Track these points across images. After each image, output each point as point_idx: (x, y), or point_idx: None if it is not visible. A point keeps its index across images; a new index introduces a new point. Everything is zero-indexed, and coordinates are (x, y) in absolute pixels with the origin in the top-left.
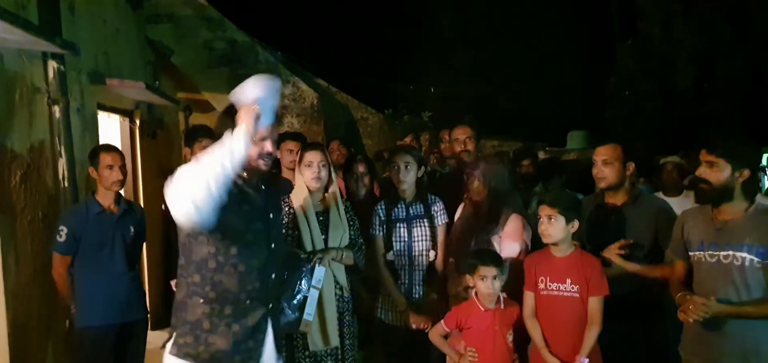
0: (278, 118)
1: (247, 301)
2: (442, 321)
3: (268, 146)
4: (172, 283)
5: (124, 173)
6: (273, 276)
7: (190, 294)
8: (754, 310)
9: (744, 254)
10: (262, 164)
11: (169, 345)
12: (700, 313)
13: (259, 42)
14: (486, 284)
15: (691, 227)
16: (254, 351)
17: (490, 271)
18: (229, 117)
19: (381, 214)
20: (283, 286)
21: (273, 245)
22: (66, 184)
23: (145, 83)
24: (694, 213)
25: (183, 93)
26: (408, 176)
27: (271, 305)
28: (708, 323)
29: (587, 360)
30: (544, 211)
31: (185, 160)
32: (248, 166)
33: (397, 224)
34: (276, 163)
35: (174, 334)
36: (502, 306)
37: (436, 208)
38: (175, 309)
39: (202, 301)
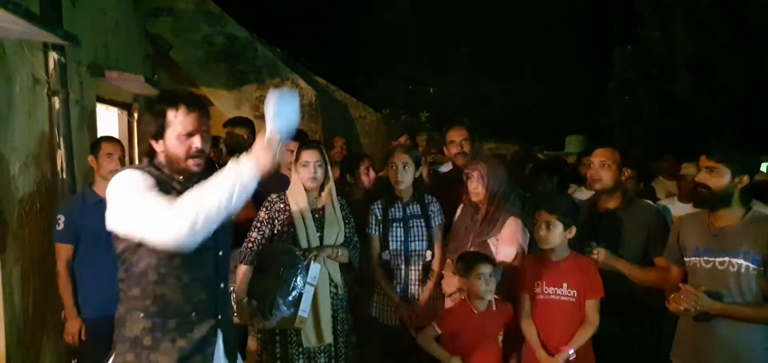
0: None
1: (193, 314)
2: (433, 323)
3: (197, 142)
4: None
5: (123, 164)
6: (222, 286)
7: (130, 309)
8: (745, 311)
9: (740, 261)
10: (192, 165)
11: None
12: (690, 301)
13: (258, 38)
14: (484, 282)
15: (686, 233)
16: None
17: (486, 268)
18: (155, 116)
19: (378, 214)
20: (277, 284)
21: (221, 253)
22: (64, 176)
23: (144, 76)
24: (690, 219)
25: (181, 87)
26: (405, 176)
27: (220, 316)
28: (699, 328)
29: (573, 353)
30: (542, 217)
31: None
32: (177, 168)
33: (394, 224)
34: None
35: (114, 354)
36: (494, 307)
37: (433, 208)
38: (115, 325)
39: (142, 315)
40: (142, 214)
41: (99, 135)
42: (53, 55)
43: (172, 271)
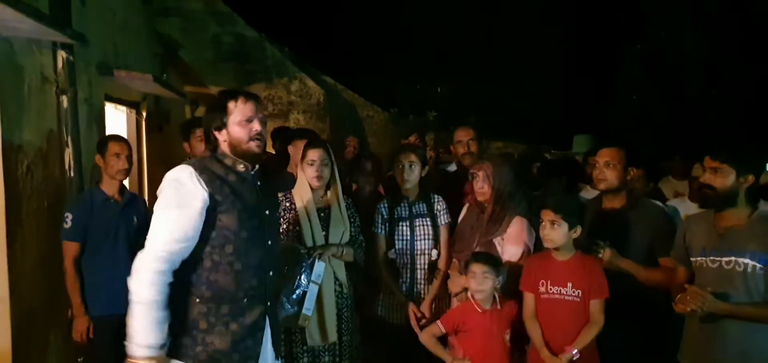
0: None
1: (245, 300)
2: (437, 322)
3: (256, 126)
4: None
5: (130, 163)
6: (271, 273)
7: (185, 294)
8: (753, 311)
9: (747, 260)
10: (254, 146)
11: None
12: (697, 302)
13: (267, 38)
14: (476, 281)
15: (693, 233)
16: (253, 349)
17: (480, 268)
18: (217, 110)
19: (384, 213)
20: (282, 282)
21: (269, 243)
22: (72, 175)
23: (153, 75)
24: (697, 219)
25: (190, 87)
26: (412, 175)
27: (269, 303)
28: (707, 329)
29: (577, 353)
30: (547, 216)
31: (186, 155)
32: (240, 151)
33: (400, 223)
34: (285, 158)
35: (170, 335)
36: (498, 306)
37: (439, 207)
38: (171, 310)
39: (197, 300)
40: (155, 229)
41: (108, 134)
42: (62, 54)
43: (224, 258)
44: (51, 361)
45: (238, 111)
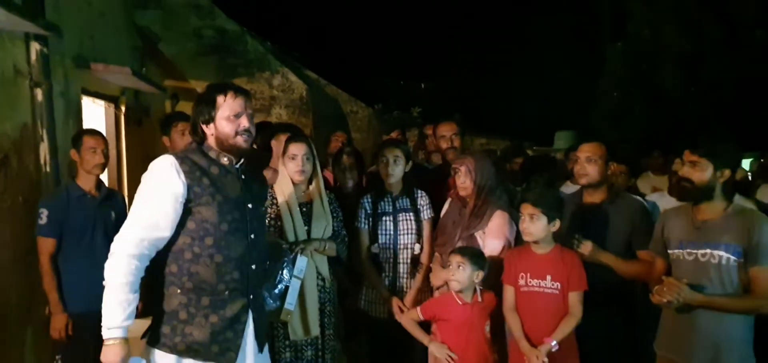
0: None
1: (226, 292)
2: (417, 308)
3: (244, 122)
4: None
5: (106, 157)
6: (253, 267)
7: (167, 284)
8: (726, 302)
9: (721, 253)
10: (241, 142)
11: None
12: (673, 293)
13: (248, 31)
14: (451, 271)
15: (671, 226)
16: (233, 342)
17: (455, 258)
18: (206, 103)
19: (367, 207)
20: (265, 276)
21: (252, 236)
22: (48, 170)
23: (131, 69)
24: (675, 212)
25: (170, 81)
26: (396, 170)
27: (251, 296)
28: (682, 319)
29: (556, 344)
30: (526, 209)
31: (165, 149)
32: (227, 146)
33: (383, 217)
34: (267, 153)
35: (151, 324)
36: (479, 298)
37: (422, 202)
38: (153, 299)
39: (179, 291)
40: (130, 216)
41: (83, 128)
42: (35, 46)
43: (204, 251)
44: (28, 359)
45: (226, 105)
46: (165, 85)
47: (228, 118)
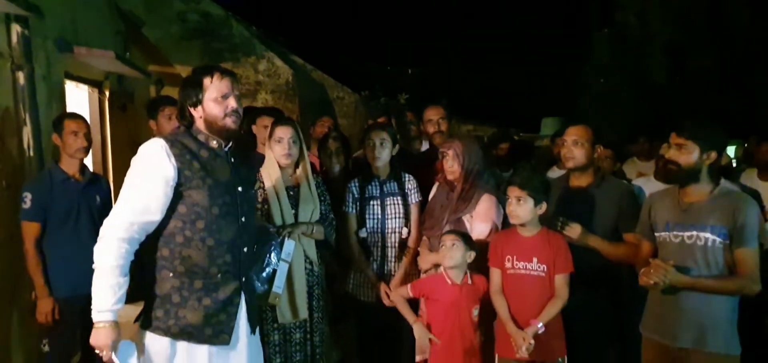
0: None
1: (219, 275)
2: (407, 285)
3: (232, 103)
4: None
5: (89, 141)
6: (245, 250)
7: (160, 268)
8: (711, 283)
9: (707, 234)
10: (230, 123)
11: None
12: (659, 275)
13: (233, 15)
14: (444, 251)
15: (657, 209)
16: (226, 324)
17: (449, 238)
18: (193, 86)
19: (355, 191)
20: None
21: (243, 219)
22: (31, 153)
23: (115, 53)
24: (661, 195)
25: (154, 66)
26: (383, 153)
27: (243, 279)
28: (667, 301)
29: (542, 326)
30: (513, 192)
31: (152, 134)
32: (216, 128)
33: (371, 201)
34: (253, 139)
35: (143, 308)
36: (469, 281)
37: (409, 185)
38: (146, 283)
39: (171, 275)
40: (120, 200)
41: (63, 112)
42: (16, 28)
43: (196, 234)
44: (14, 345)
45: (213, 87)
46: (149, 70)
47: (216, 100)
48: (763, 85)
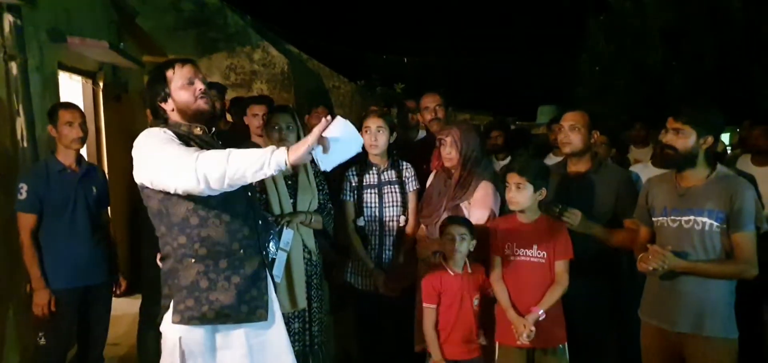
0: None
1: (241, 251)
2: (424, 304)
3: (199, 84)
4: (158, 257)
5: (85, 131)
6: (260, 222)
7: (180, 258)
8: (709, 267)
9: (704, 219)
10: (202, 104)
11: (168, 315)
12: (658, 260)
13: (228, 4)
14: (452, 243)
15: (655, 194)
16: (260, 299)
17: (457, 229)
18: (158, 82)
19: (352, 180)
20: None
21: (249, 193)
22: (25, 144)
23: (109, 43)
24: (659, 180)
25: (149, 56)
26: (380, 140)
27: (264, 252)
28: (665, 286)
29: (543, 313)
30: (513, 178)
31: (148, 123)
32: (191, 113)
33: (368, 190)
34: (243, 129)
35: (172, 304)
36: (469, 270)
37: (407, 174)
38: (164, 280)
39: (193, 261)
40: (167, 160)
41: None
42: (8, 18)
43: (211, 212)
44: (10, 337)
45: (177, 76)
46: (144, 61)
47: (182, 87)
48: (761, 70)
